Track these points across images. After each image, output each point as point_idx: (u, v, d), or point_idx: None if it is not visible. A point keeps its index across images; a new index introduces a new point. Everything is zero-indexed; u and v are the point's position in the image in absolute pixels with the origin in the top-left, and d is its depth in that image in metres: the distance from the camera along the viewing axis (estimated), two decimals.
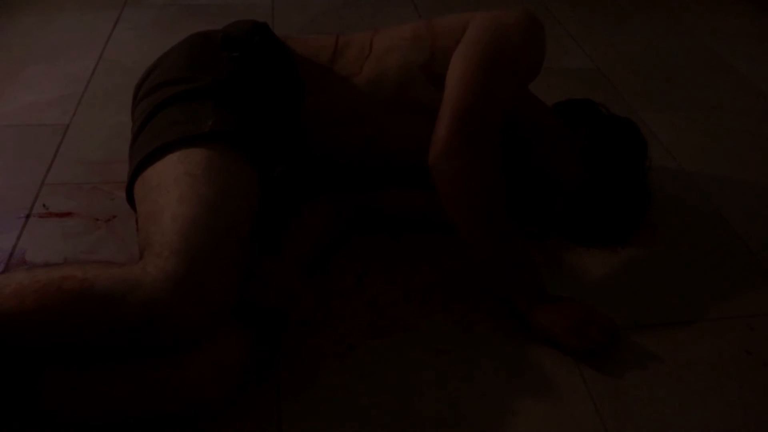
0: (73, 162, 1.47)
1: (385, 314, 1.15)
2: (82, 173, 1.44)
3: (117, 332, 0.85)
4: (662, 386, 1.06)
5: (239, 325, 0.96)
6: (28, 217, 1.31)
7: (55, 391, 0.87)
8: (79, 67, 1.83)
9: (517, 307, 1.12)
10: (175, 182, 0.97)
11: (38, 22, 2.08)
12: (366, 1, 2.33)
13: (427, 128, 1.15)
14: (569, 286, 1.21)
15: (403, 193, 1.32)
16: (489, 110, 1.14)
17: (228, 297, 0.91)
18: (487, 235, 1.11)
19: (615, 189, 1.28)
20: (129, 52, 1.92)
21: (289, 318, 1.10)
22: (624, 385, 1.05)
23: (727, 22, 2.38)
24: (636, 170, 1.32)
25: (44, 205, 1.34)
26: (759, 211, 1.46)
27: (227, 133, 1.04)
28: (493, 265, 1.13)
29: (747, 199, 1.49)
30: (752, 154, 1.65)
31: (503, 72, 1.17)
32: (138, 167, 1.04)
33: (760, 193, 1.52)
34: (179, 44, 1.24)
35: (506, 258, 1.12)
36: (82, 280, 0.85)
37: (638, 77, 1.96)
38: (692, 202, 1.47)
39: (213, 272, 0.89)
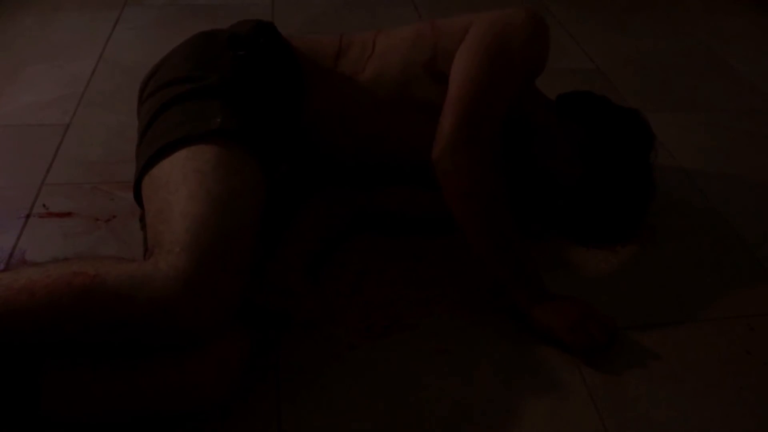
0: (73, 162, 1.47)
1: (385, 314, 1.15)
2: (82, 173, 1.44)
3: (125, 328, 0.85)
4: (662, 386, 1.06)
5: (240, 325, 0.97)
6: (28, 217, 1.31)
7: (56, 389, 0.87)
8: (79, 67, 1.83)
9: (518, 305, 1.12)
10: (184, 179, 0.97)
11: (38, 22, 2.08)
12: (366, 1, 2.33)
13: (429, 126, 1.16)
14: (569, 286, 1.21)
15: (405, 191, 1.32)
16: (492, 107, 1.15)
17: (236, 295, 0.92)
18: (489, 231, 1.11)
19: (617, 183, 1.28)
20: (129, 52, 1.92)
21: (291, 319, 1.10)
22: (624, 385, 1.05)
23: (727, 22, 2.38)
24: (640, 163, 1.30)
25: (44, 205, 1.34)
26: (759, 211, 1.46)
27: (236, 131, 1.04)
28: (494, 262, 1.13)
29: (747, 199, 1.49)
30: (752, 153, 1.65)
31: (506, 70, 1.18)
32: (146, 165, 1.04)
33: (760, 193, 1.52)
34: (184, 43, 1.24)
35: (508, 255, 1.12)
36: (93, 276, 0.85)
37: (638, 77, 1.96)
38: (692, 202, 1.47)
39: (223, 269, 0.89)
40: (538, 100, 1.34)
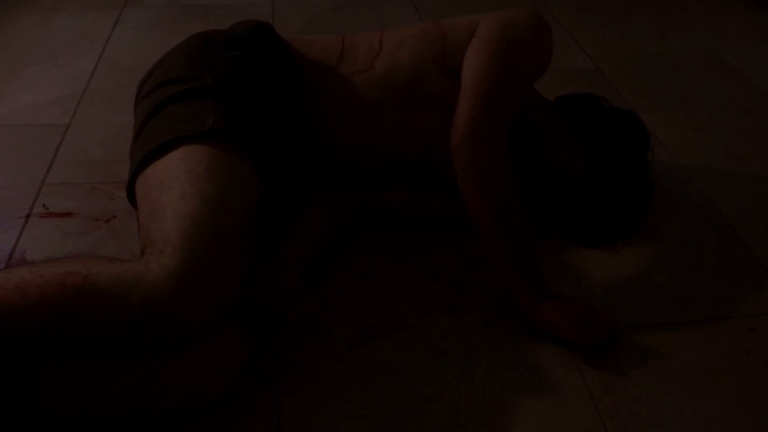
0: (73, 162, 1.47)
1: (385, 314, 1.15)
2: (82, 173, 1.44)
3: (118, 328, 0.85)
4: (662, 386, 1.06)
5: (239, 324, 0.97)
6: (28, 217, 1.31)
7: (54, 387, 0.87)
8: (79, 67, 1.83)
9: (520, 303, 1.12)
10: (176, 179, 0.97)
11: (38, 22, 2.08)
12: (366, 1, 2.33)
13: (436, 122, 1.17)
14: (570, 286, 1.21)
15: (405, 191, 1.32)
16: (507, 100, 1.17)
17: (229, 295, 0.92)
18: (502, 222, 1.11)
19: (619, 182, 1.29)
20: (129, 52, 1.92)
21: (289, 319, 1.10)
22: (624, 385, 1.05)
23: (727, 22, 2.38)
24: (639, 163, 1.32)
25: (44, 205, 1.34)
26: (759, 211, 1.46)
27: (228, 131, 1.05)
28: (504, 256, 1.12)
29: (747, 199, 1.49)
30: (752, 153, 1.65)
31: (518, 64, 1.19)
32: (139, 165, 1.04)
33: (760, 192, 1.52)
34: (181, 44, 1.24)
35: (517, 248, 1.12)
36: (85, 276, 0.85)
37: (638, 77, 1.96)
38: (692, 202, 1.47)
39: (215, 269, 0.89)
40: (537, 101, 1.34)
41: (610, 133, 1.29)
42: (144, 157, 1.03)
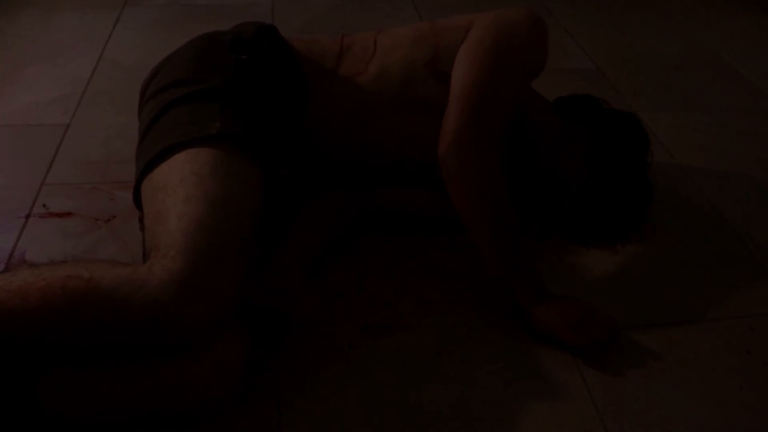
0: (73, 162, 1.47)
1: (385, 314, 1.15)
2: (82, 173, 1.44)
3: (121, 332, 0.85)
4: (662, 386, 1.06)
5: (240, 325, 0.97)
6: (28, 217, 1.31)
7: (56, 391, 0.87)
8: (79, 67, 1.83)
9: (519, 304, 1.12)
10: (181, 182, 0.97)
11: (38, 22, 2.08)
12: (366, 1, 2.33)
13: (432, 126, 1.16)
14: (569, 286, 1.21)
15: (405, 191, 1.32)
16: (496, 105, 1.16)
17: (232, 297, 0.91)
18: (494, 229, 1.11)
19: (619, 183, 1.29)
20: (129, 52, 1.92)
21: (290, 320, 1.10)
22: (624, 385, 1.05)
23: (727, 22, 2.38)
24: (639, 164, 1.32)
25: (44, 205, 1.34)
26: (759, 212, 1.46)
27: (234, 134, 1.04)
28: (497, 260, 1.13)
29: (747, 199, 1.49)
30: (752, 153, 1.65)
31: (510, 67, 1.18)
32: (145, 168, 1.04)
33: (760, 192, 1.52)
34: (186, 45, 1.24)
35: (512, 254, 1.12)
36: (88, 280, 0.85)
37: (638, 77, 1.96)
38: (692, 202, 1.47)
39: (219, 272, 0.89)
40: (537, 102, 1.34)
41: (610, 135, 1.29)
42: (150, 160, 1.03)
